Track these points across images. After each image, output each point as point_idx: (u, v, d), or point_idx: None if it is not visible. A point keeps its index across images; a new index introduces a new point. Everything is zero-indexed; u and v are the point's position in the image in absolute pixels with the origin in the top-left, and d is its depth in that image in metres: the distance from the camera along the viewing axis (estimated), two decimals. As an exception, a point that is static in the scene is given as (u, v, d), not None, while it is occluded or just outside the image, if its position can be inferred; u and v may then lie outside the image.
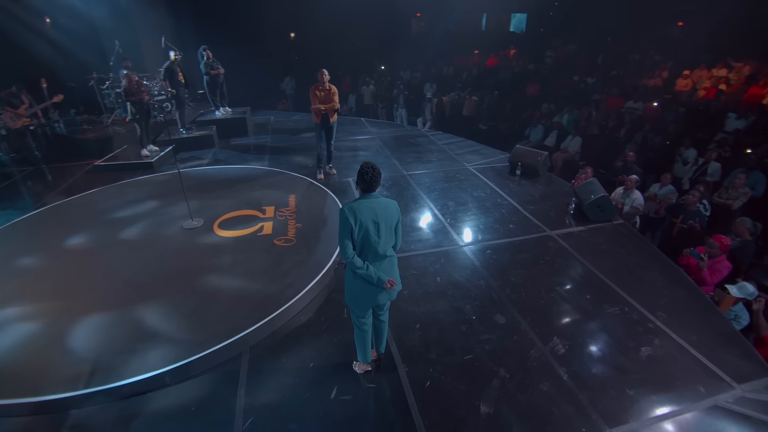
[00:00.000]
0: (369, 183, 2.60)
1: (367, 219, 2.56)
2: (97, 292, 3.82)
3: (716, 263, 4.27)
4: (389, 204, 2.69)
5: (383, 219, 2.61)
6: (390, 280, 2.68)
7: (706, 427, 2.73)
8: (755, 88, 9.90)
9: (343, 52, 15.21)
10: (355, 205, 2.59)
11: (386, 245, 2.67)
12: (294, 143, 8.37)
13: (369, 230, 2.57)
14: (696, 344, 3.37)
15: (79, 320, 3.48)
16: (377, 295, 2.72)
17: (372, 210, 2.58)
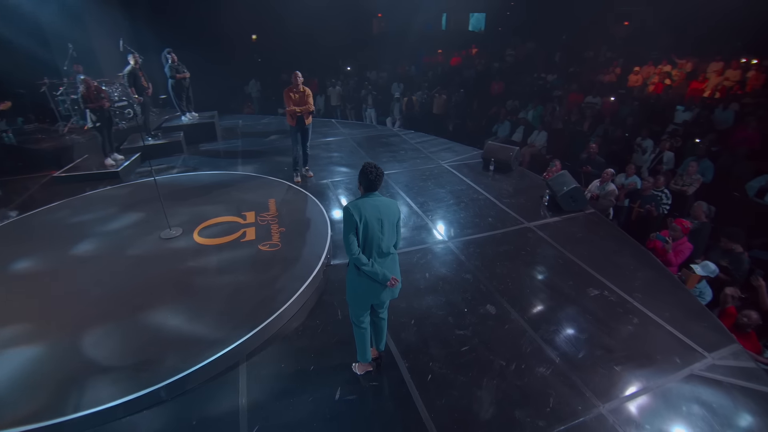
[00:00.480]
0: (373, 182, 2.63)
1: (371, 216, 2.59)
2: (73, 312, 3.61)
3: (679, 245, 4.61)
4: (390, 203, 2.74)
5: (386, 216, 2.66)
6: (393, 277, 2.72)
7: (685, 395, 2.97)
8: (695, 83, 10.71)
9: (306, 53, 15.08)
10: (359, 202, 2.62)
11: (389, 242, 2.72)
12: (266, 147, 8.23)
13: (373, 228, 2.61)
14: (669, 320, 3.64)
15: (59, 341, 3.30)
16: (380, 293, 2.76)
17: (376, 208, 2.63)
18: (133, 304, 3.66)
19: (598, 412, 2.83)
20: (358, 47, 16.63)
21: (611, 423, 2.75)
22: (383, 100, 12.80)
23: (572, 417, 2.79)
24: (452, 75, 14.66)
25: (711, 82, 10.46)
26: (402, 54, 17.01)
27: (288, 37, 14.70)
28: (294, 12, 14.21)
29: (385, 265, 2.72)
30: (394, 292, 2.85)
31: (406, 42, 18.02)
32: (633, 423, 2.75)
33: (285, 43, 14.58)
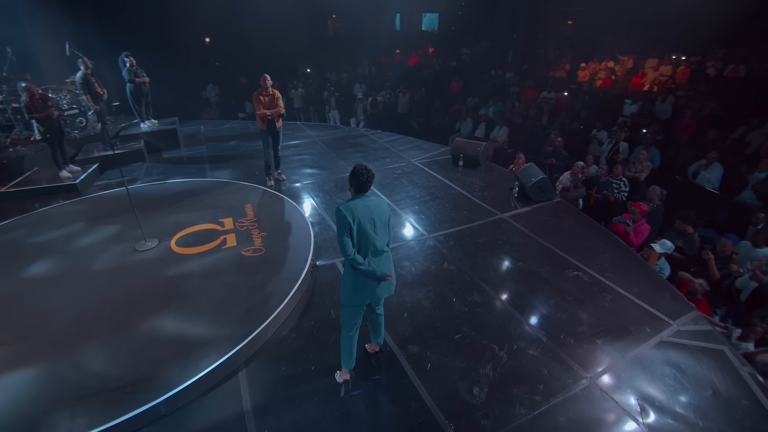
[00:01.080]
0: (364, 183, 2.68)
1: (363, 217, 2.64)
2: (51, 335, 3.41)
3: (639, 227, 5.02)
4: (380, 202, 2.79)
5: (378, 216, 2.71)
6: (389, 273, 2.80)
7: (658, 359, 3.28)
8: (636, 78, 11.59)
9: (262, 56, 14.78)
10: (351, 204, 2.66)
11: (383, 241, 2.78)
12: (233, 152, 8.04)
13: (366, 228, 2.66)
14: (638, 294, 3.98)
15: (41, 365, 3.11)
16: (376, 290, 2.81)
17: (367, 208, 2.67)
18: (116, 320, 3.51)
19: (587, 383, 3.06)
20: (314, 49, 16.52)
21: (599, 392, 2.99)
22: (346, 101, 12.85)
23: (564, 390, 3.00)
24: (412, 74, 14.93)
25: (649, 77, 11.36)
26: (360, 54, 17.11)
27: (242, 40, 14.33)
28: (247, 14, 13.91)
29: (380, 263, 2.77)
30: (390, 288, 2.91)
31: (362, 42, 18.14)
32: (617, 389, 3.01)
33: (240, 46, 14.20)
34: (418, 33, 22.16)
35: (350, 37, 18.67)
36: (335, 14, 21.04)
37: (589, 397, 2.96)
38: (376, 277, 2.75)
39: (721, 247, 4.54)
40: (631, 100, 9.22)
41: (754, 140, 7.29)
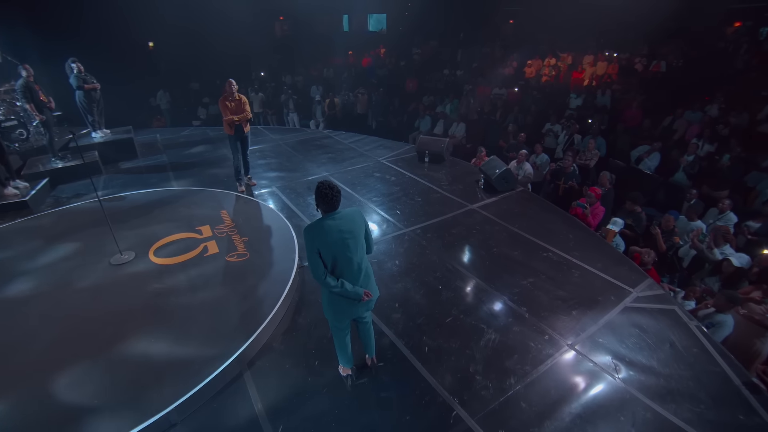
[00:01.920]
0: (330, 204, 2.49)
1: (333, 238, 2.49)
2: (35, 358, 3.26)
3: (595, 209, 5.54)
4: (352, 215, 2.61)
5: (350, 232, 2.54)
6: (366, 292, 2.66)
7: (624, 323, 3.70)
8: (576, 73, 12.53)
9: (213, 60, 14.36)
10: (317, 226, 2.51)
11: (360, 256, 2.63)
12: (196, 159, 7.82)
13: (338, 248, 2.51)
14: (601, 269, 4.43)
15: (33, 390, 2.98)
16: (355, 308, 2.72)
17: (336, 228, 2.50)
18: (105, 337, 3.40)
19: (568, 349, 3.41)
20: (264, 52, 16.25)
21: (579, 356, 3.35)
22: (303, 104, 12.80)
23: (549, 358, 3.33)
24: (366, 75, 15.13)
25: (587, 73, 12.33)
26: (312, 57, 17.04)
27: (187, 44, 13.83)
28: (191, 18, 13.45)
29: (359, 281, 2.64)
30: (369, 305, 2.80)
31: (313, 44, 18.08)
32: (594, 352, 3.38)
33: (186, 51, 13.67)
34: (366, 34, 22.41)
35: (300, 39, 18.55)
36: (282, 16, 20.81)
37: (572, 361, 3.31)
38: (351, 297, 2.62)
39: (665, 222, 5.14)
40: (576, 95, 9.99)
41: (680, 128, 8.20)
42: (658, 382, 3.12)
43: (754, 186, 6.05)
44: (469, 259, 4.66)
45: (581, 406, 2.93)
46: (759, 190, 5.87)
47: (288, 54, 16.98)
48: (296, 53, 16.97)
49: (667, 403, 2.94)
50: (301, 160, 7.87)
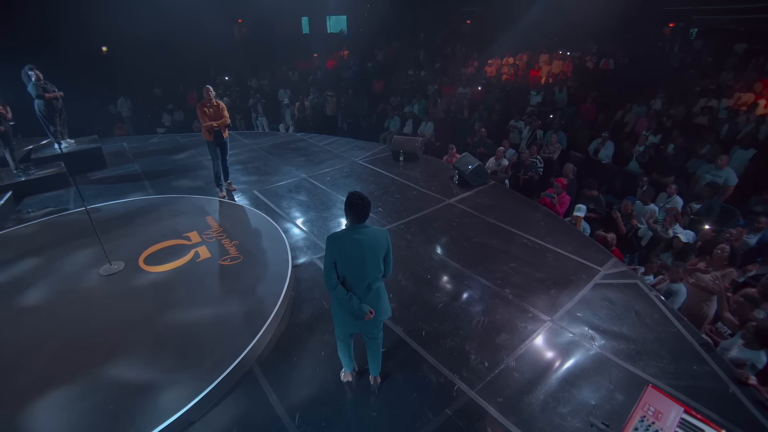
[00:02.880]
0: (359, 215, 2.53)
1: (351, 252, 2.52)
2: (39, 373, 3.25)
3: (562, 198, 6.03)
4: (377, 234, 2.61)
5: (370, 250, 2.55)
6: (371, 310, 2.65)
7: (596, 297, 4.13)
8: (533, 71, 13.26)
9: (174, 66, 14.04)
10: (340, 236, 2.55)
11: (373, 276, 2.63)
12: (171, 167, 7.71)
13: (353, 263, 2.54)
14: (572, 251, 4.88)
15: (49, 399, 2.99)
16: (357, 324, 2.75)
17: (358, 243, 2.52)
18: (108, 345, 3.42)
19: (550, 324, 3.79)
20: (224, 55, 15.98)
21: (560, 329, 3.73)
22: (271, 107, 12.77)
23: (534, 332, 3.69)
24: (331, 77, 15.25)
25: (543, 71, 13.08)
26: (276, 59, 16.95)
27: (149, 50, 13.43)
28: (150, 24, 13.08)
29: (367, 299, 2.65)
30: (373, 324, 2.78)
31: (275, 47, 17.97)
32: (572, 324, 3.78)
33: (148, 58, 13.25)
34: (325, 36, 22.47)
35: (260, 42, 18.37)
36: (240, 19, 20.50)
37: (553, 334, 3.69)
38: (355, 313, 2.64)
39: (624, 207, 5.68)
40: (535, 92, 10.62)
41: (630, 121, 8.96)
42: (628, 345, 3.55)
43: (695, 171, 6.76)
44: (452, 250, 4.98)
45: (565, 371, 3.30)
46: (698, 175, 6.57)
47: (250, 57, 16.78)
48: (258, 56, 16.80)
49: (636, 362, 3.36)
50: (278, 163, 7.94)
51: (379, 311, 2.72)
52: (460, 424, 2.90)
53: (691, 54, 12.60)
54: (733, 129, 7.73)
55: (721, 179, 6.14)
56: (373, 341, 2.98)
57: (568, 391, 3.13)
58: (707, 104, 8.77)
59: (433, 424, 2.90)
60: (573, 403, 3.03)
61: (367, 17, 22.57)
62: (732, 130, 7.71)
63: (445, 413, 2.97)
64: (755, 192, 5.90)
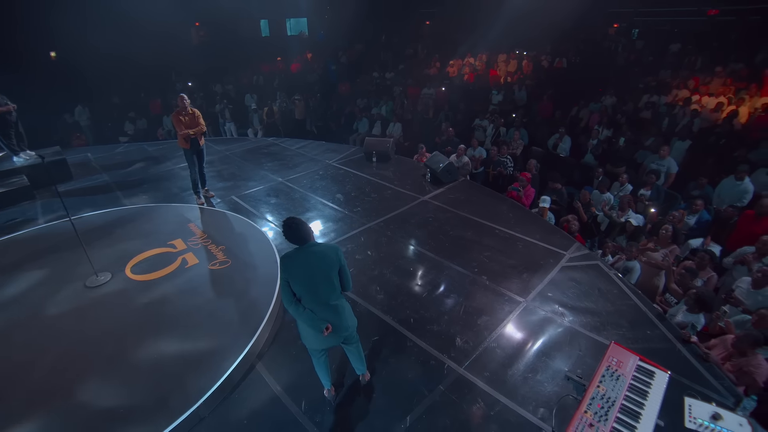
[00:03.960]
0: (297, 237, 2.64)
1: (299, 271, 2.62)
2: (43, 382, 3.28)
3: (527, 191, 6.51)
4: (327, 251, 2.70)
5: (318, 269, 2.64)
6: (328, 326, 2.70)
7: (563, 279, 4.58)
8: (493, 71, 13.89)
9: (134, 72, 13.64)
10: (289, 257, 2.65)
11: (326, 294, 2.70)
12: (142, 176, 7.60)
13: (305, 281, 2.63)
14: (540, 239, 5.33)
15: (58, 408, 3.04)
16: (321, 339, 2.79)
17: (305, 262, 2.63)
18: (107, 355, 3.48)
19: (524, 304, 4.19)
20: (184, 61, 15.65)
21: (533, 308, 4.13)
22: (239, 113, 12.69)
23: (511, 312, 4.07)
24: (296, 80, 15.28)
25: (502, 70, 13.73)
26: (239, 64, 16.75)
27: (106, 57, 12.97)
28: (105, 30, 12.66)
29: (325, 315, 2.71)
30: (338, 337, 2.84)
31: (236, 51, 17.74)
32: (544, 304, 4.19)
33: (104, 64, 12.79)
34: (285, 38, 22.36)
35: (220, 46, 18.07)
36: (198, 22, 20.07)
37: (528, 313, 4.08)
38: (314, 328, 2.71)
39: (583, 197, 6.22)
40: (497, 91, 11.19)
41: (584, 116, 9.66)
42: (593, 318, 4.00)
43: (642, 161, 7.45)
44: (430, 243, 5.30)
45: (541, 344, 3.70)
46: (646, 164, 7.25)
47: (211, 62, 16.48)
48: (220, 61, 16.53)
49: (600, 332, 3.81)
50: (253, 168, 8.01)
51: (340, 327, 2.79)
52: (452, 398, 3.21)
53: (634, 53, 13.64)
54: (673, 122, 8.54)
55: (664, 168, 6.83)
56: (352, 347, 3.08)
57: (544, 362, 3.52)
58: (650, 100, 9.61)
59: (428, 399, 3.20)
60: (549, 371, 3.42)
61: (328, 19, 22.69)
62: (672, 124, 8.52)
63: (439, 389, 3.28)
64: (692, 178, 6.61)
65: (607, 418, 2.00)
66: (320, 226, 5.76)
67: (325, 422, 3.08)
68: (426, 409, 3.12)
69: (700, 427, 1.92)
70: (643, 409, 2.05)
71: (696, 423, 1.94)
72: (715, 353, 3.48)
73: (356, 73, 15.53)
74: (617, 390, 2.15)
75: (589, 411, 2.05)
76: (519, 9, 14.42)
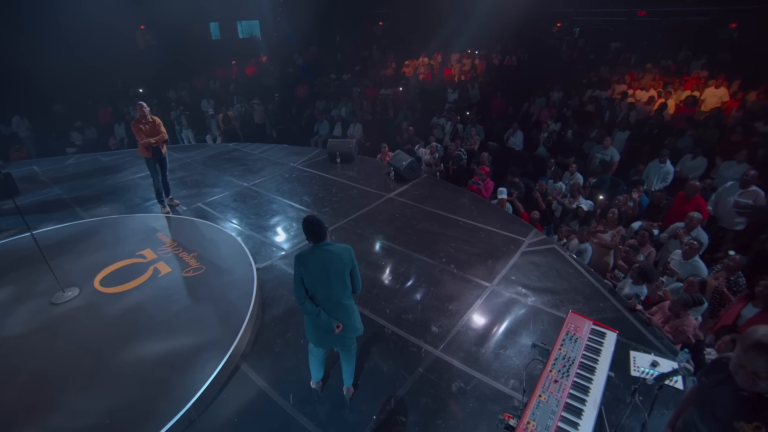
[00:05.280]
0: (314, 234, 2.73)
1: (314, 269, 2.68)
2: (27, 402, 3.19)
3: (486, 184, 6.90)
4: (341, 251, 2.76)
5: (332, 267, 2.70)
6: (339, 324, 2.78)
7: (525, 262, 4.96)
8: (447, 70, 14.37)
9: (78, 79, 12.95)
10: (305, 254, 2.72)
11: (339, 292, 2.76)
12: (99, 187, 7.31)
13: (317, 279, 2.69)
14: (500, 228, 5.71)
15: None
16: (328, 338, 2.88)
17: (320, 259, 2.69)
18: (87, 366, 3.45)
19: (490, 288, 4.51)
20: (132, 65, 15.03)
21: (499, 291, 4.47)
22: (195, 119, 12.39)
23: (479, 297, 4.39)
24: (252, 84, 15.08)
25: (456, 70, 14.24)
26: (190, 68, 16.26)
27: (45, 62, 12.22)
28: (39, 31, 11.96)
29: (335, 314, 2.77)
30: (343, 339, 2.90)
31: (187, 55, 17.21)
32: (509, 287, 4.54)
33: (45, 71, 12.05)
34: (237, 41, 21.93)
35: (168, 50, 17.43)
36: (143, 25, 19.28)
37: (494, 297, 4.41)
38: (323, 327, 2.78)
39: (539, 187, 6.69)
40: (452, 90, 11.63)
41: (535, 111, 10.28)
42: (553, 296, 4.38)
43: (589, 152, 8.07)
44: (399, 238, 5.54)
45: (508, 323, 4.03)
46: (592, 154, 7.87)
47: (160, 67, 15.89)
48: (171, 66, 15.98)
49: (560, 308, 4.20)
50: (217, 174, 7.93)
51: (348, 327, 2.86)
52: (432, 378, 3.46)
53: (576, 51, 14.59)
54: (613, 115, 9.29)
55: (608, 157, 7.45)
56: (347, 353, 3.12)
57: (512, 338, 3.84)
58: (593, 94, 10.38)
59: (409, 382, 3.43)
60: (517, 346, 3.74)
61: (280, 21, 22.44)
62: (612, 116, 9.26)
63: (418, 371, 3.52)
64: (632, 165, 7.27)
65: (569, 374, 2.31)
66: (291, 228, 5.85)
67: (314, 412, 3.22)
68: (408, 391, 3.35)
69: (642, 373, 2.26)
70: (597, 364, 2.38)
71: (639, 371, 2.28)
72: (656, 318, 3.95)
73: (313, 75, 15.55)
74: (576, 350, 2.47)
75: (553, 370, 2.35)
76: (469, 9, 15.02)
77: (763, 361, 1.52)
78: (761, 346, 1.53)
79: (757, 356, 1.53)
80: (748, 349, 1.56)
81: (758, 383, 1.56)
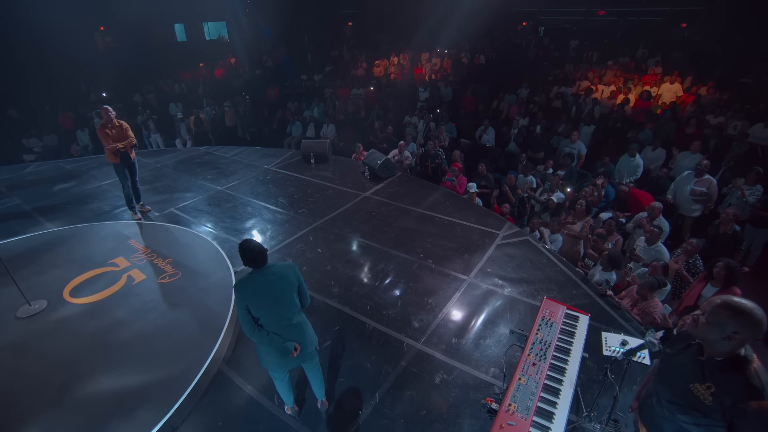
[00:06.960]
0: (254, 261, 2.58)
1: (260, 294, 2.56)
2: None
3: (460, 180, 7.04)
4: (285, 271, 2.66)
5: (280, 290, 2.61)
6: (296, 346, 2.69)
7: (500, 255, 5.10)
8: (417, 69, 14.53)
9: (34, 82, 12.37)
10: (245, 282, 2.57)
11: (290, 312, 2.67)
12: (64, 196, 6.99)
13: (265, 304, 2.57)
14: (476, 222, 5.85)
15: None
16: (286, 361, 2.73)
17: (266, 285, 2.58)
18: (57, 385, 3.31)
19: (468, 281, 4.63)
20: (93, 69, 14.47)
21: (476, 284, 4.59)
22: (164, 123, 12.04)
23: (457, 290, 4.49)
24: (221, 86, 14.79)
25: (426, 69, 14.42)
26: (156, 71, 15.77)
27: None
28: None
29: (289, 335, 2.67)
30: (302, 357, 2.80)
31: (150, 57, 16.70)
32: (485, 279, 4.66)
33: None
34: (204, 43, 21.47)
35: (131, 53, 16.84)
36: (102, 26, 18.57)
37: (472, 289, 4.52)
38: (280, 351, 2.67)
39: (509, 181, 6.88)
40: (423, 88, 11.78)
41: (504, 108, 10.55)
42: (528, 286, 4.54)
43: (557, 146, 8.37)
44: (377, 235, 5.59)
45: (487, 313, 4.14)
46: (560, 148, 8.16)
47: (123, 70, 15.34)
48: (134, 69, 15.45)
49: (535, 297, 4.35)
50: (189, 178, 7.75)
51: (305, 344, 2.77)
52: (415, 371, 3.52)
53: (542, 49, 15.04)
54: (579, 110, 9.66)
55: (575, 151, 7.75)
56: (311, 365, 3.01)
57: (490, 328, 3.96)
58: (559, 90, 10.75)
59: (393, 375, 3.48)
60: (496, 335, 3.86)
61: (248, 22, 22.08)
62: (578, 111, 9.62)
63: (401, 365, 3.58)
64: (597, 158, 7.59)
65: (546, 356, 2.42)
66: (267, 230, 5.81)
67: (300, 411, 3.23)
68: (392, 384, 3.40)
69: (614, 352, 2.40)
70: (572, 346, 2.51)
71: (611, 350, 2.42)
72: (625, 302, 4.16)
73: (283, 76, 15.40)
74: (551, 334, 2.59)
75: (531, 354, 2.46)
76: (437, 9, 15.24)
77: (725, 317, 1.65)
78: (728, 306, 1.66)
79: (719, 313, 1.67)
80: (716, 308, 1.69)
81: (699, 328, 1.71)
